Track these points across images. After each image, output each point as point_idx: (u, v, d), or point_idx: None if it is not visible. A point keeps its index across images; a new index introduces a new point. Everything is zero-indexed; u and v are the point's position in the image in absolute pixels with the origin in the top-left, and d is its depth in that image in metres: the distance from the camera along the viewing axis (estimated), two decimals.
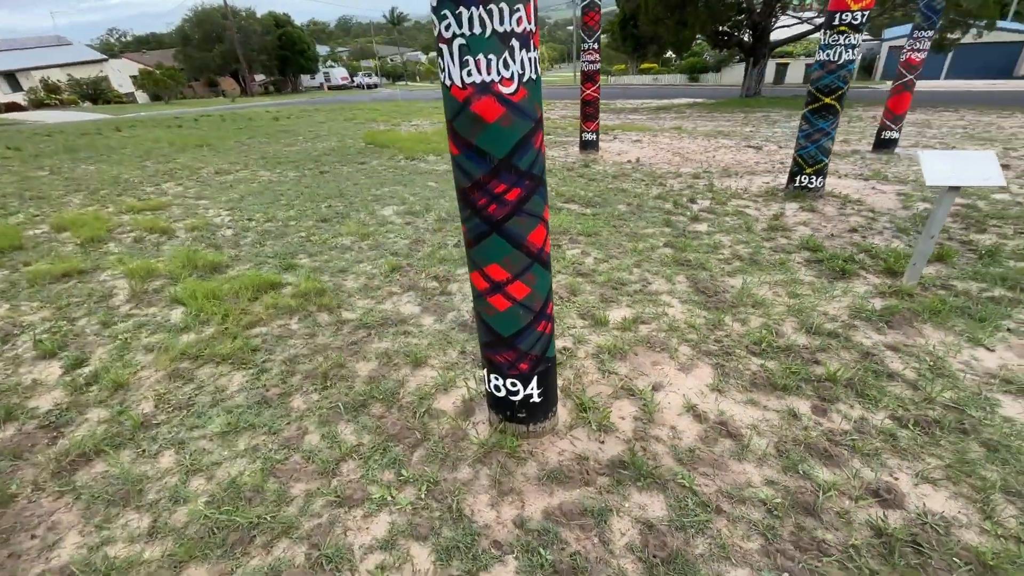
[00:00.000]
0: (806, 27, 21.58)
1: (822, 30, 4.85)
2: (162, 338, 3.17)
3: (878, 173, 6.78)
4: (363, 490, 2.01)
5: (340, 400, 2.54)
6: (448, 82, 1.53)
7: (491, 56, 1.45)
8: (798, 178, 5.55)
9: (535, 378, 2.09)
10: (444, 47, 1.48)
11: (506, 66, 1.47)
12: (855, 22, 4.61)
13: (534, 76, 1.55)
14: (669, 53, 35.75)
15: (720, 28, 20.36)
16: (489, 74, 1.47)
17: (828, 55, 4.80)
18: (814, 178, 5.46)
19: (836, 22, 4.66)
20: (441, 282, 3.86)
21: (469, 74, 1.48)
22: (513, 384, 2.10)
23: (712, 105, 20.15)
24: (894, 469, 2.03)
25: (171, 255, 4.53)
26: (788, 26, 22.31)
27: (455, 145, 1.65)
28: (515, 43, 1.46)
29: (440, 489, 2.01)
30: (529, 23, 1.47)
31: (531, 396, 2.13)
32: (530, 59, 1.52)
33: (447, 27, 1.44)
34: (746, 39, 21.10)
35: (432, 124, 15.06)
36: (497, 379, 2.12)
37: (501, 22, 1.41)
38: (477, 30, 1.41)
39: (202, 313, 3.41)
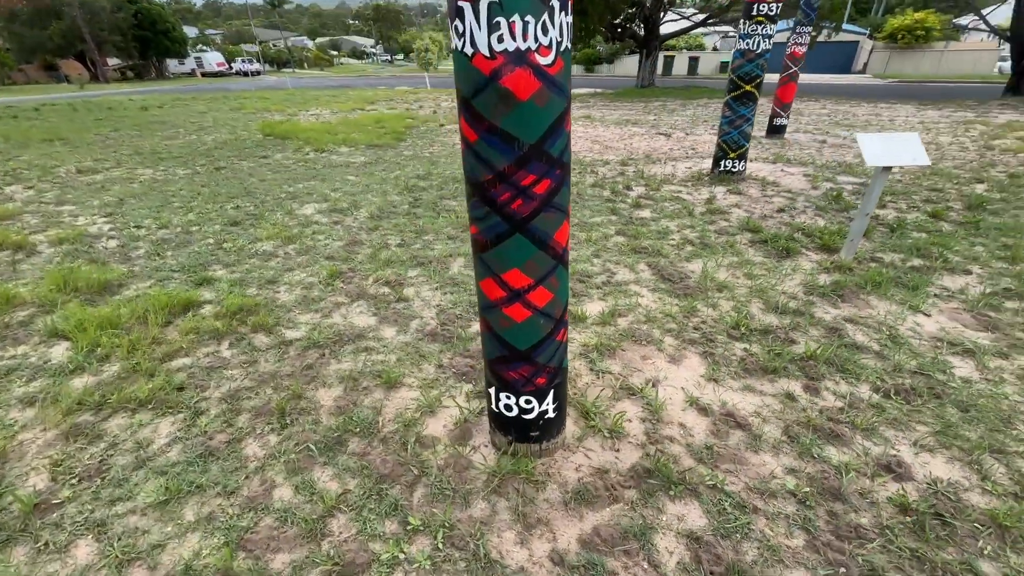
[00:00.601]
0: (689, 23, 23.27)
1: (741, 21, 5.08)
2: (44, 385, 2.48)
3: (780, 156, 7.38)
4: (366, 550, 1.66)
5: (308, 439, 2.13)
6: (470, 50, 1.24)
7: (529, 18, 1.18)
8: (722, 163, 5.84)
9: (551, 392, 1.87)
10: (467, 5, 1.18)
11: (545, 31, 1.21)
12: (771, 13, 4.88)
13: (569, 44, 1.31)
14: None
15: (616, 21, 21.19)
16: (526, 41, 1.20)
17: (747, 44, 5.05)
18: (737, 162, 5.77)
19: (754, 12, 4.90)
20: (394, 287, 3.47)
21: (500, 40, 1.20)
22: (528, 401, 1.86)
23: (612, 95, 20.95)
24: (893, 441, 2.11)
25: (37, 276, 3.63)
26: (674, 21, 23.88)
27: (472, 129, 1.36)
28: (555, 3, 1.20)
29: (458, 533, 1.73)
30: None
31: (547, 412, 1.91)
32: (568, 23, 1.27)
33: None
34: (639, 32, 22.19)
35: (334, 113, 13.99)
36: (508, 398, 1.87)
37: None
38: None
39: (98, 348, 2.73)
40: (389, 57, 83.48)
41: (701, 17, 22.51)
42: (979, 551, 1.64)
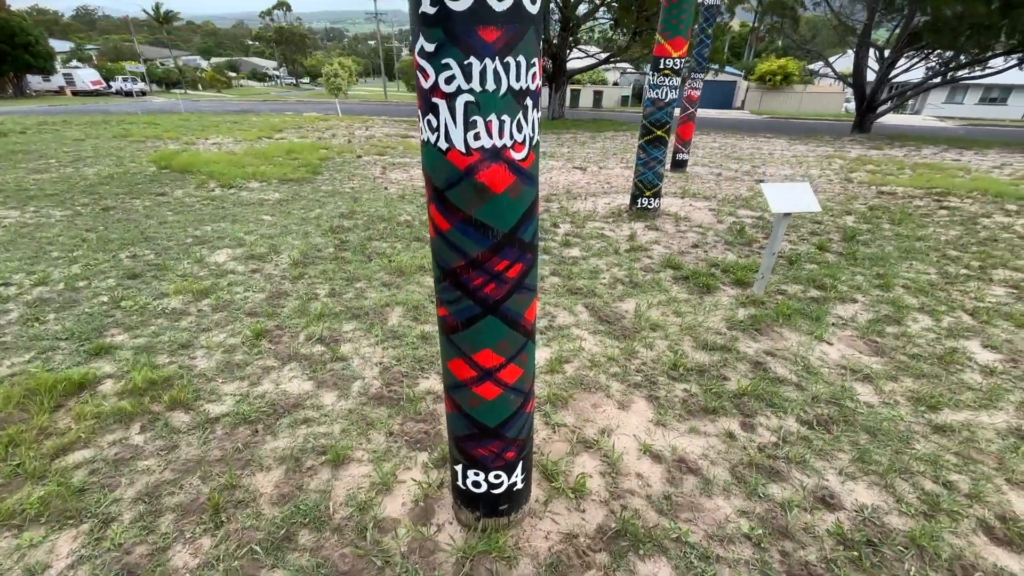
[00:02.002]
0: (592, 61, 24.96)
1: (649, 72, 5.54)
2: None
3: (687, 191, 8.05)
4: None
5: (250, 539, 1.90)
6: (444, 145, 1.22)
7: (505, 117, 1.19)
8: (639, 200, 6.24)
9: (520, 463, 1.84)
10: (441, 102, 1.17)
11: (519, 128, 1.23)
12: (675, 67, 5.37)
13: (538, 136, 1.34)
14: None
15: None
16: (502, 138, 1.21)
17: (657, 93, 5.50)
18: (652, 200, 6.20)
19: (661, 66, 5.37)
20: (329, 345, 3.26)
21: (477, 137, 1.19)
22: (497, 476, 1.81)
23: None
24: (822, 472, 2.32)
25: None
26: (580, 58, 25.49)
27: (444, 219, 1.33)
28: (529, 102, 1.23)
29: None
30: (540, 77, 1.25)
31: (515, 484, 1.87)
32: (538, 119, 1.30)
33: (448, 79, 1.14)
34: (549, 67, 23.36)
35: (238, 142, 13.10)
36: (477, 475, 1.81)
37: (518, 78, 1.17)
38: (491, 86, 1.14)
39: None
40: (294, 80, 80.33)
41: (604, 55, 24.25)
42: (907, 574, 1.84)
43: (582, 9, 21.71)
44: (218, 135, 14.57)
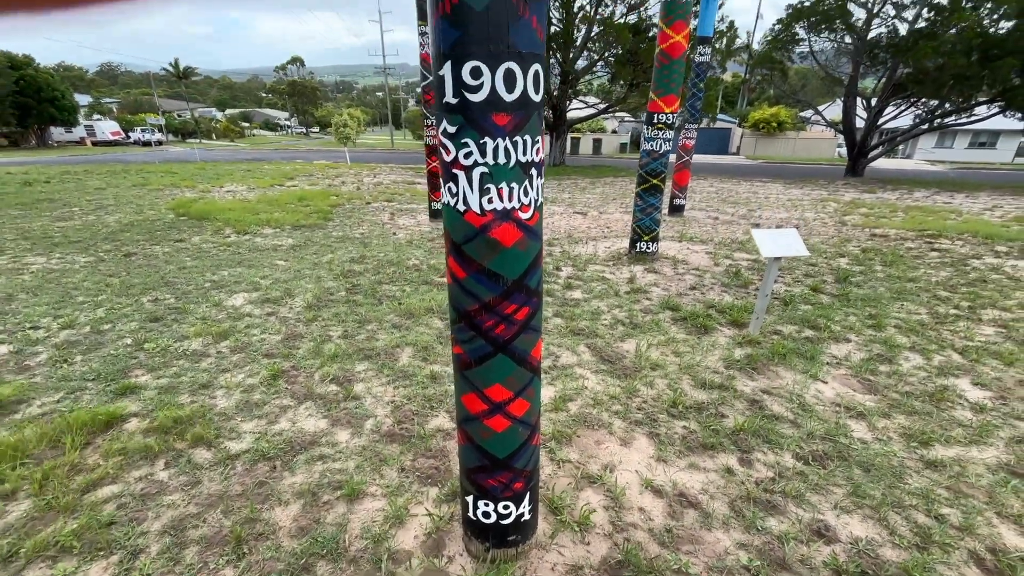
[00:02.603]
0: (591, 110, 26.10)
1: (644, 126, 5.91)
2: None
3: (684, 235, 8.33)
4: None
5: (270, 570, 2.00)
6: (462, 207, 1.43)
7: (513, 184, 1.41)
8: (638, 245, 6.50)
9: (527, 494, 1.96)
10: (461, 174, 1.39)
11: (526, 193, 1.45)
12: (668, 122, 5.75)
13: (541, 199, 1.55)
14: None
15: None
16: (511, 201, 1.43)
17: (652, 145, 5.86)
18: (651, 244, 6.46)
19: (655, 121, 5.75)
20: (343, 385, 3.41)
21: (490, 201, 1.41)
22: (506, 507, 1.93)
23: None
24: (818, 506, 2.41)
25: None
26: (579, 108, 26.66)
27: (462, 269, 1.53)
28: (533, 171, 1.45)
29: None
30: (543, 150, 1.48)
31: (523, 515, 1.98)
32: (541, 184, 1.52)
33: (467, 155, 1.36)
34: (550, 117, 24.41)
35: (251, 190, 13.64)
36: (487, 505, 1.93)
37: (524, 153, 1.40)
38: (502, 160, 1.37)
39: (2, 483, 2.39)
40: (304, 130, 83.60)
41: (603, 105, 25.37)
42: None
43: (581, 63, 22.89)
44: (232, 183, 15.17)
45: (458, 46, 1.26)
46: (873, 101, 20.88)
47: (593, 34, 21.24)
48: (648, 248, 6.49)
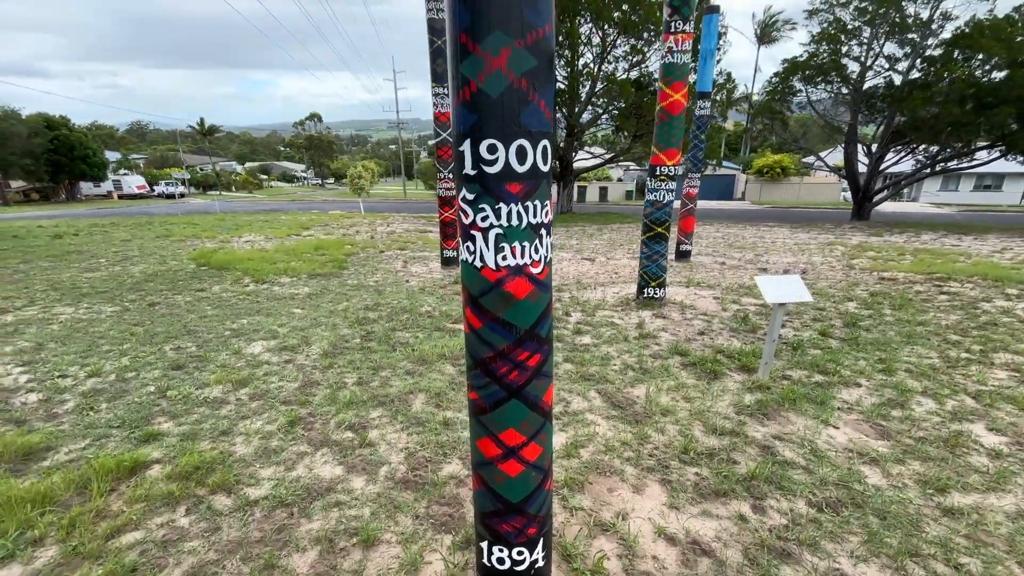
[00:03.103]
0: (597, 160, 26.98)
1: (648, 177, 6.18)
2: None
3: (692, 280, 8.45)
4: None
5: None
6: (479, 264, 1.58)
7: (525, 243, 1.57)
8: (645, 290, 6.62)
9: (541, 540, 2.00)
10: (478, 234, 1.55)
11: (536, 251, 1.60)
12: (670, 174, 6.01)
13: (551, 255, 1.70)
14: None
15: None
16: (523, 258, 1.58)
17: (656, 196, 6.10)
18: (658, 289, 6.58)
19: (657, 173, 6.01)
20: (358, 432, 3.48)
21: (504, 258, 1.56)
22: (520, 553, 1.97)
23: None
24: (833, 554, 2.39)
25: None
26: (585, 159, 27.59)
27: (478, 319, 1.66)
28: (543, 231, 1.61)
29: None
30: (552, 213, 1.64)
31: (537, 561, 2.01)
32: (550, 242, 1.67)
33: (484, 219, 1.53)
34: (556, 167, 25.26)
35: (269, 239, 14.13)
36: (501, 551, 1.97)
37: (535, 215, 1.56)
38: (515, 222, 1.53)
39: (29, 529, 2.47)
40: (320, 181, 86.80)
41: (608, 155, 26.25)
42: None
43: (586, 116, 23.88)
44: (251, 233, 15.72)
45: (476, 127, 1.45)
46: (874, 147, 21.38)
47: (597, 89, 22.28)
48: (655, 294, 6.61)
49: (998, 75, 17.13)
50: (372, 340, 5.36)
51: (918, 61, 18.96)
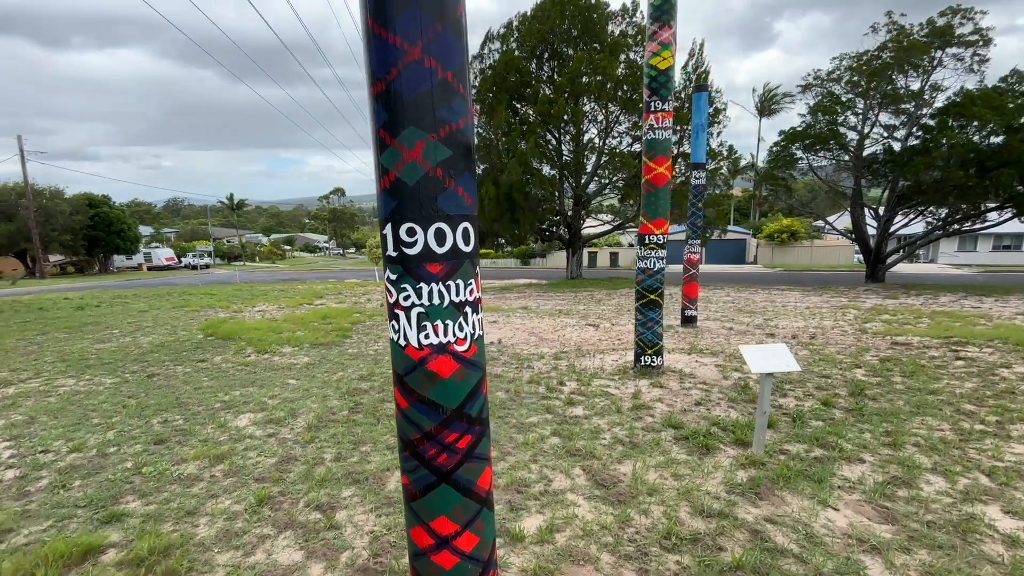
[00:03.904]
0: (605, 227, 27.57)
1: (636, 246, 6.26)
2: None
3: (695, 347, 8.28)
4: None
5: None
6: (403, 342, 1.59)
7: (448, 321, 1.57)
8: (642, 358, 6.49)
9: None
10: (401, 313, 1.57)
11: (460, 328, 1.60)
12: (659, 242, 6.09)
13: (482, 332, 1.70)
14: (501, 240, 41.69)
15: (543, 226, 24.76)
16: (446, 336, 1.58)
17: (646, 264, 6.15)
18: (655, 357, 6.44)
19: (646, 242, 6.10)
20: (326, 512, 3.34)
21: (426, 337, 1.56)
22: None
23: (546, 285, 23.23)
24: None
25: None
26: (593, 226, 28.22)
27: (404, 398, 1.64)
28: (468, 309, 1.62)
29: None
30: (478, 291, 1.66)
31: None
32: (479, 319, 1.68)
33: (406, 298, 1.55)
34: (564, 234, 25.84)
35: (280, 308, 14.42)
36: None
37: (458, 294, 1.58)
38: (436, 301, 1.55)
39: None
40: (341, 251, 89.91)
41: (615, 222, 26.83)
42: None
43: (592, 187, 24.71)
44: (265, 302, 16.10)
45: (396, 212, 1.51)
46: (881, 210, 21.47)
47: (602, 161, 23.22)
48: (653, 362, 6.46)
49: (995, 139, 17.42)
50: (359, 412, 5.28)
51: (915, 128, 19.46)
